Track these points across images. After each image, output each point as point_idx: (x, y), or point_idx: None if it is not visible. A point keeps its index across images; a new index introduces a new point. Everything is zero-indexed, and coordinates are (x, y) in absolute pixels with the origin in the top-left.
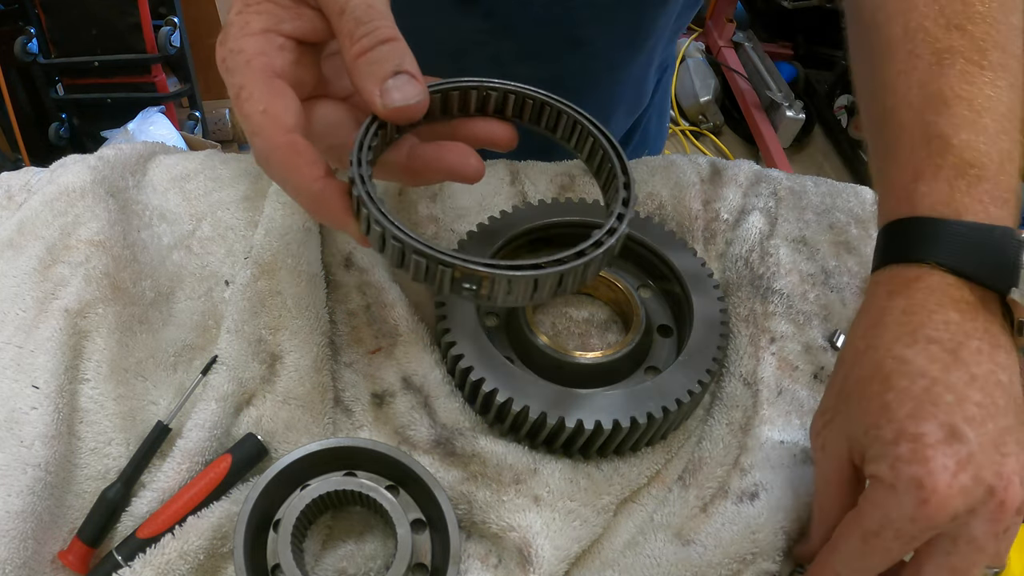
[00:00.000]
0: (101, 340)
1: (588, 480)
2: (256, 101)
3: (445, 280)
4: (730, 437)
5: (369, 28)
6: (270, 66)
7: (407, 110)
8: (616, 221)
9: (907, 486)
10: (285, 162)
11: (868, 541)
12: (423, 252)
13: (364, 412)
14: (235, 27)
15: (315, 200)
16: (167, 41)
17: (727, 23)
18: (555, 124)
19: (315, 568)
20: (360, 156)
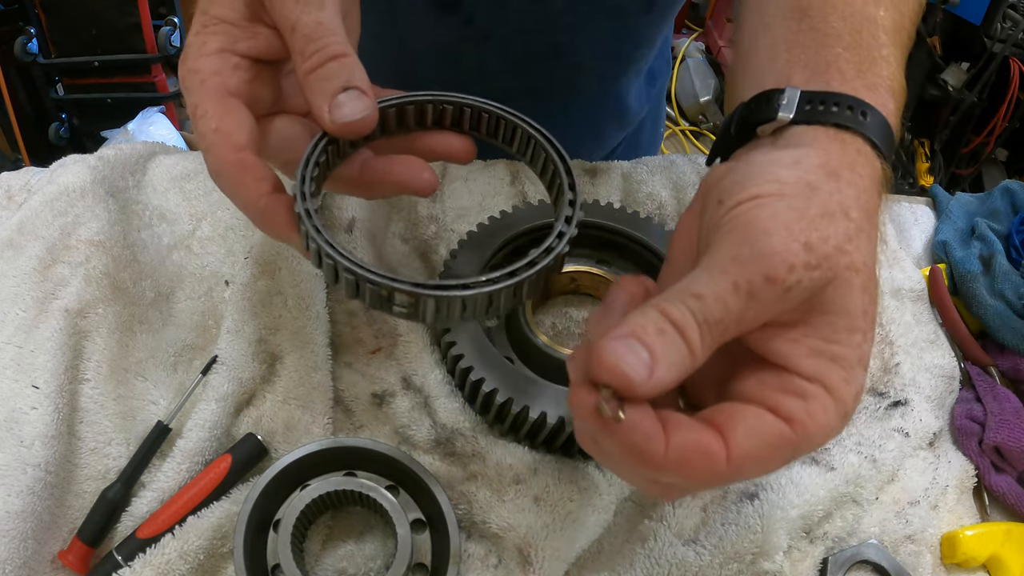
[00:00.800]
0: (101, 340)
1: (588, 481)
2: (209, 119)
3: (375, 299)
4: None
5: (319, 45)
6: (224, 85)
7: (354, 125)
8: (555, 239)
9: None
10: (233, 178)
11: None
12: (353, 271)
13: (364, 412)
14: (193, 47)
15: (261, 215)
16: (167, 41)
17: (727, 23)
18: (511, 138)
19: (315, 568)
20: (304, 173)
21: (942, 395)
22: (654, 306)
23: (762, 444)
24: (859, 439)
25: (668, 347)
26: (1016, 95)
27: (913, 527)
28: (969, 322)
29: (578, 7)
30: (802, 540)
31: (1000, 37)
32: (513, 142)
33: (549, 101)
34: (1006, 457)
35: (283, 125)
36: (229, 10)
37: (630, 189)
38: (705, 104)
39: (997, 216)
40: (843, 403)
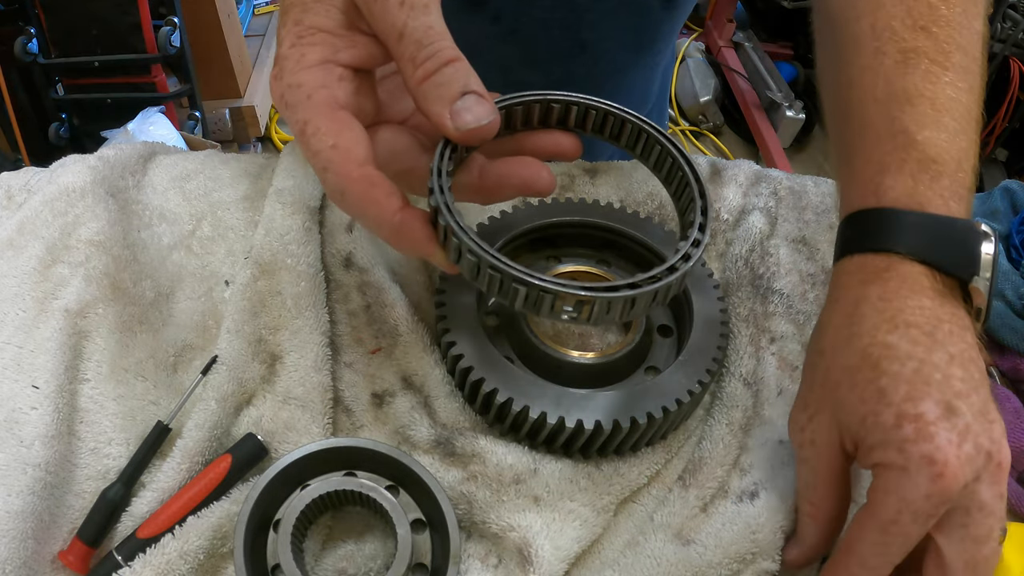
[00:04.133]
0: (101, 340)
1: (588, 480)
2: (324, 136)
3: (545, 306)
4: (730, 437)
5: (432, 51)
6: (333, 99)
7: (480, 131)
8: (699, 232)
9: (919, 465)
10: (362, 196)
11: (887, 531)
12: (524, 280)
13: (364, 412)
14: (291, 61)
15: (397, 232)
16: (167, 41)
17: (727, 23)
18: (619, 133)
19: (315, 568)
20: (440, 183)
21: None
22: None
23: None
24: None
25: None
26: (1016, 95)
27: None
28: None
29: (602, 3)
30: None
31: (1000, 37)
32: (621, 137)
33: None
34: None
35: (388, 136)
36: (326, 19)
37: (630, 189)
38: (705, 104)
39: (997, 216)
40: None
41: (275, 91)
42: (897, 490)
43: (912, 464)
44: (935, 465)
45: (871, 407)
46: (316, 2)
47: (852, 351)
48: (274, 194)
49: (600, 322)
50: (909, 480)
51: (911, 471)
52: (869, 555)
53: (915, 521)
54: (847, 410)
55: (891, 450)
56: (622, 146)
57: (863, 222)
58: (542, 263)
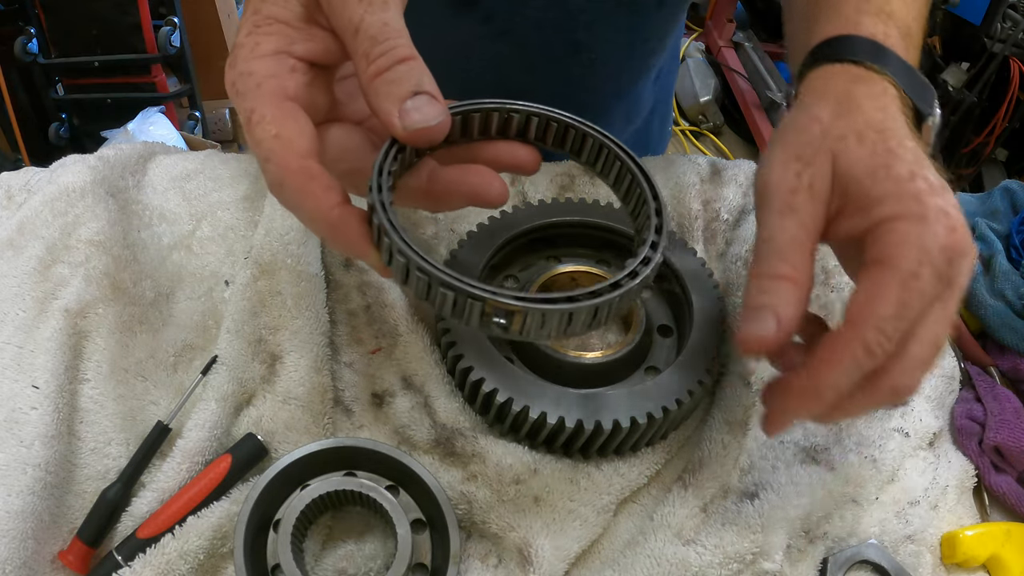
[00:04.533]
0: (101, 340)
1: (588, 480)
2: (268, 125)
3: (474, 314)
4: (730, 437)
5: (386, 47)
6: (282, 88)
7: (427, 132)
8: (650, 250)
9: (937, 215)
10: (299, 188)
11: (908, 286)
12: (451, 285)
13: (364, 412)
14: (245, 49)
15: (332, 228)
16: (167, 41)
17: (727, 23)
18: (580, 147)
19: (315, 568)
20: (380, 181)
21: (942, 395)
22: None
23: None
24: (859, 439)
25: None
26: (1016, 95)
27: (913, 527)
28: (969, 322)
29: (595, 3)
30: (802, 540)
31: (1000, 37)
32: (582, 152)
33: (563, 98)
34: (1006, 457)
35: (340, 134)
36: (284, 9)
37: None
38: (705, 104)
39: (997, 216)
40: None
41: (227, 79)
42: (918, 240)
43: (931, 213)
44: (950, 218)
45: (883, 160)
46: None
47: (855, 119)
48: None
49: (534, 337)
50: (928, 229)
51: (930, 220)
52: (890, 317)
53: (934, 276)
54: (853, 159)
55: (908, 200)
56: (582, 162)
57: (848, 43)
58: (542, 263)
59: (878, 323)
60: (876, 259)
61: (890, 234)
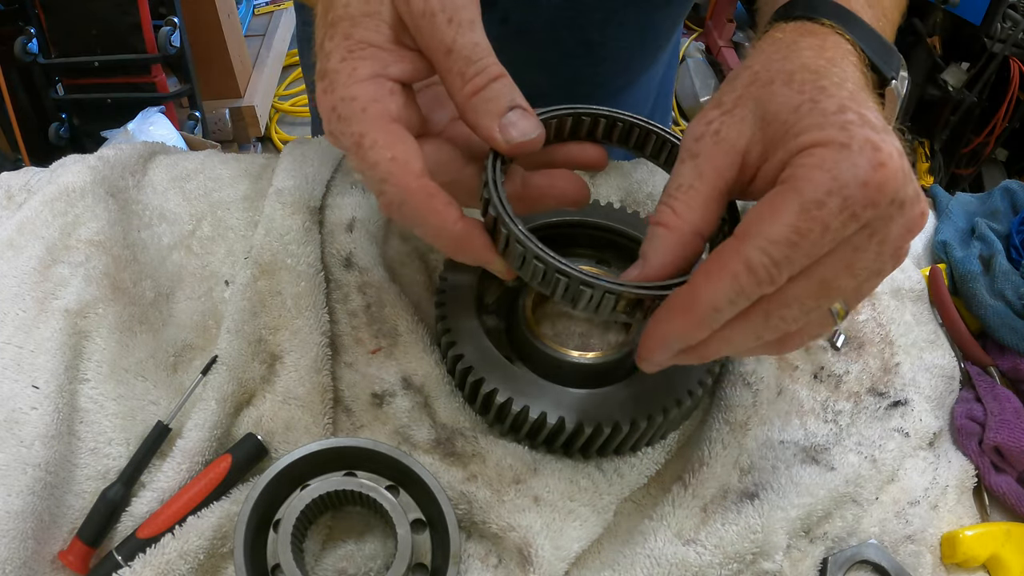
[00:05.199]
0: (101, 340)
1: (588, 480)
2: (382, 148)
3: (607, 307)
4: (730, 437)
5: (480, 66)
6: (387, 112)
7: (527, 144)
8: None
9: (862, 146)
10: (423, 207)
11: (808, 214)
12: (589, 283)
13: (364, 412)
14: (342, 74)
15: (458, 241)
16: (167, 41)
17: (727, 23)
18: (643, 143)
19: (315, 568)
20: (498, 194)
21: (942, 395)
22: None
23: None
24: (859, 439)
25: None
26: (1016, 95)
27: (913, 527)
28: (969, 322)
29: (609, 3)
30: (802, 540)
31: (1000, 37)
32: (645, 148)
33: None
34: (1006, 457)
35: (432, 149)
36: (376, 33)
37: (630, 189)
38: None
39: (997, 216)
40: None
41: (325, 104)
42: (833, 167)
43: (856, 143)
44: (879, 152)
45: (809, 96)
46: (365, 17)
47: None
48: (274, 194)
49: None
50: (849, 159)
51: (853, 149)
52: (779, 241)
53: (841, 212)
54: (779, 100)
55: (832, 129)
56: (647, 156)
57: (811, 3)
58: None
59: (764, 244)
60: (782, 180)
61: (806, 158)
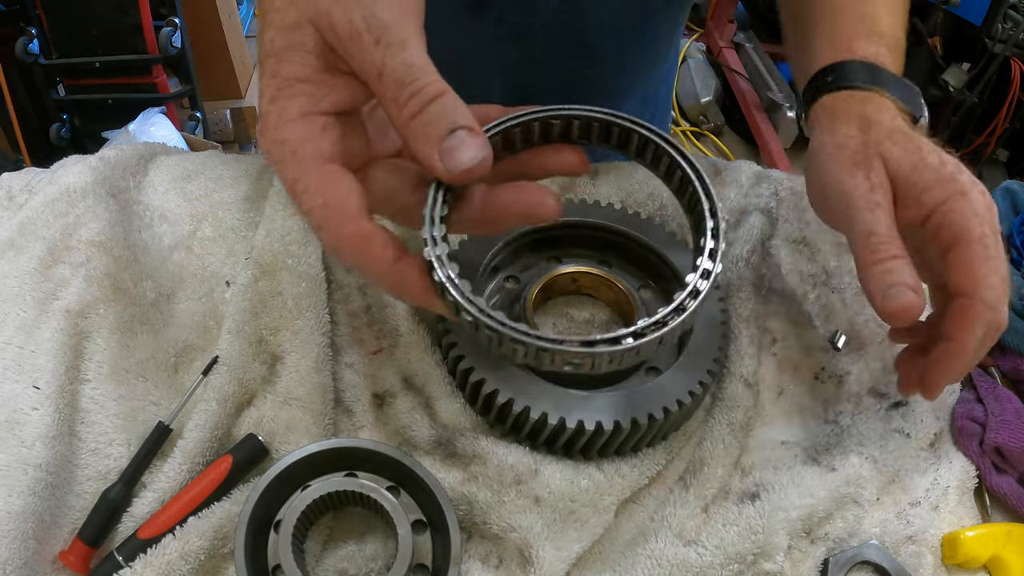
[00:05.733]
0: (102, 340)
1: (589, 481)
2: (313, 194)
3: (545, 362)
4: (731, 438)
5: (414, 88)
6: (318, 152)
7: (471, 172)
8: (708, 260)
9: (971, 187)
10: (357, 251)
11: (986, 244)
12: (521, 341)
13: (365, 413)
14: (272, 115)
15: (393, 285)
16: (168, 42)
17: (728, 24)
18: (626, 142)
19: (316, 569)
20: (433, 234)
21: (943, 396)
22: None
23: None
24: (860, 439)
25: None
26: (1017, 96)
27: (914, 528)
28: None
29: (605, 4)
30: (803, 540)
31: (1001, 38)
32: (628, 146)
33: (572, 97)
34: (1007, 458)
35: (382, 176)
36: (302, 67)
37: (631, 189)
38: (706, 105)
39: (998, 217)
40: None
41: (263, 148)
42: (972, 211)
43: (967, 188)
44: (977, 184)
45: (916, 155)
46: (289, 51)
47: (880, 129)
48: (275, 195)
49: (605, 370)
50: (972, 201)
51: (969, 193)
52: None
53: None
54: (897, 158)
55: (947, 183)
56: (632, 156)
57: (847, 69)
58: (543, 263)
59: (986, 284)
60: (953, 238)
61: (950, 214)
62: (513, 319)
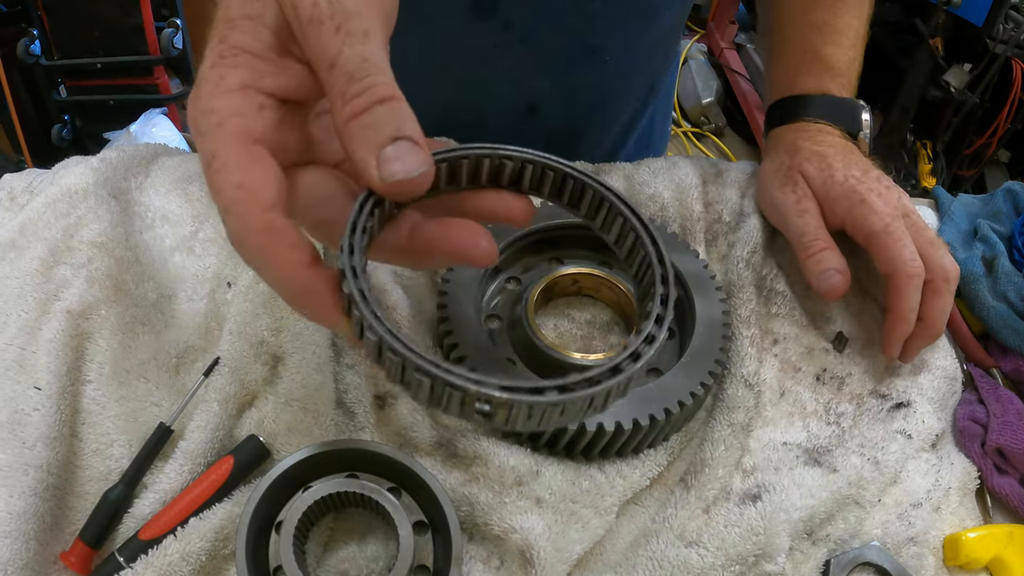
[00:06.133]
0: (103, 341)
1: (590, 482)
2: (230, 172)
3: (453, 404)
4: (732, 439)
5: (364, 85)
6: (247, 130)
7: (408, 184)
8: (655, 326)
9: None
10: (261, 246)
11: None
12: (427, 371)
13: (366, 414)
14: (208, 82)
15: (297, 293)
16: (169, 43)
17: (729, 25)
18: (578, 199)
19: (317, 570)
20: (352, 242)
21: (944, 397)
22: None
23: None
24: (861, 441)
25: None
26: (1018, 96)
27: (915, 529)
28: (971, 324)
29: (611, 7)
30: (804, 542)
31: (1002, 38)
32: (580, 205)
33: (577, 100)
34: (1009, 459)
35: (313, 179)
36: (253, 39)
37: (633, 191)
38: (707, 105)
39: (999, 217)
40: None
41: (189, 115)
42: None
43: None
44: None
45: (827, 173)
46: (245, 19)
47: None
48: None
49: (522, 427)
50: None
51: (866, 198)
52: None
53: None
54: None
55: (851, 195)
56: (581, 215)
57: (784, 106)
58: (544, 265)
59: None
60: (865, 236)
61: (856, 220)
62: (514, 320)
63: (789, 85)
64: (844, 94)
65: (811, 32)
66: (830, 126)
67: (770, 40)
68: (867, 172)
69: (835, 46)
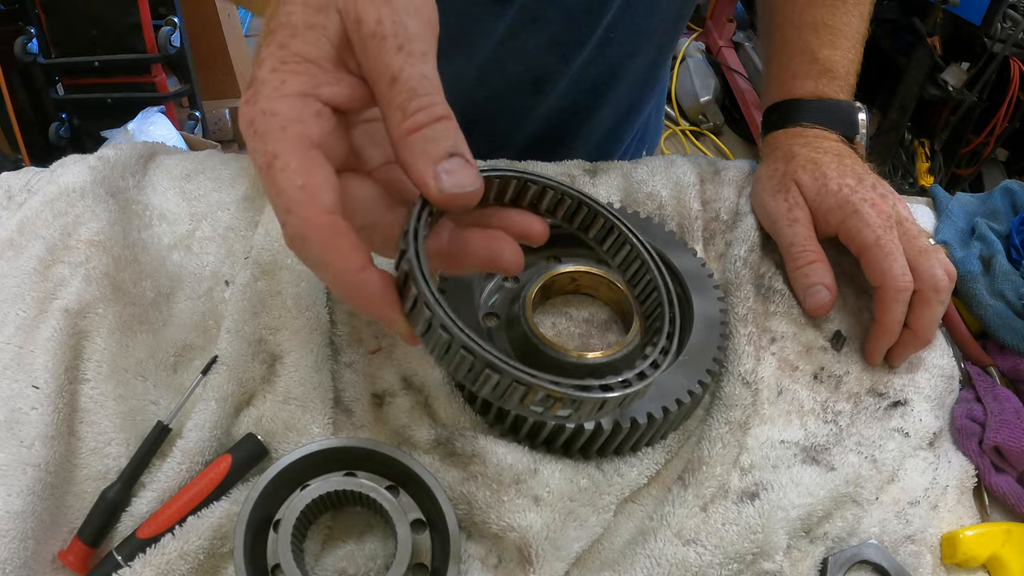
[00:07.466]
0: (101, 340)
1: (588, 480)
2: (293, 174)
3: (514, 398)
4: (730, 437)
5: (424, 102)
6: (307, 135)
7: (462, 198)
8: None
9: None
10: (326, 245)
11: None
12: (498, 368)
13: (364, 412)
14: (268, 86)
15: (358, 291)
16: (167, 41)
17: (727, 23)
18: (589, 225)
19: (315, 568)
20: (416, 248)
21: (942, 395)
22: None
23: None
24: (859, 439)
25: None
26: (1016, 95)
27: (913, 527)
28: (969, 322)
29: None
30: (802, 540)
31: (1000, 37)
32: (590, 230)
33: (584, 80)
34: (1006, 457)
35: (354, 186)
36: (315, 48)
37: (631, 189)
38: (705, 104)
39: (997, 216)
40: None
41: (245, 116)
42: (864, 225)
43: (860, 206)
44: (867, 200)
45: (821, 182)
46: (308, 28)
47: (798, 160)
48: None
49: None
50: (864, 215)
51: (862, 210)
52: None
53: (887, 229)
54: (806, 184)
55: (844, 205)
56: (590, 239)
57: (781, 109)
58: (542, 263)
59: (890, 275)
60: (857, 248)
61: (849, 231)
62: (512, 318)
63: (786, 88)
64: (842, 96)
65: (809, 33)
66: (826, 131)
67: (769, 40)
68: (861, 180)
69: (833, 48)
